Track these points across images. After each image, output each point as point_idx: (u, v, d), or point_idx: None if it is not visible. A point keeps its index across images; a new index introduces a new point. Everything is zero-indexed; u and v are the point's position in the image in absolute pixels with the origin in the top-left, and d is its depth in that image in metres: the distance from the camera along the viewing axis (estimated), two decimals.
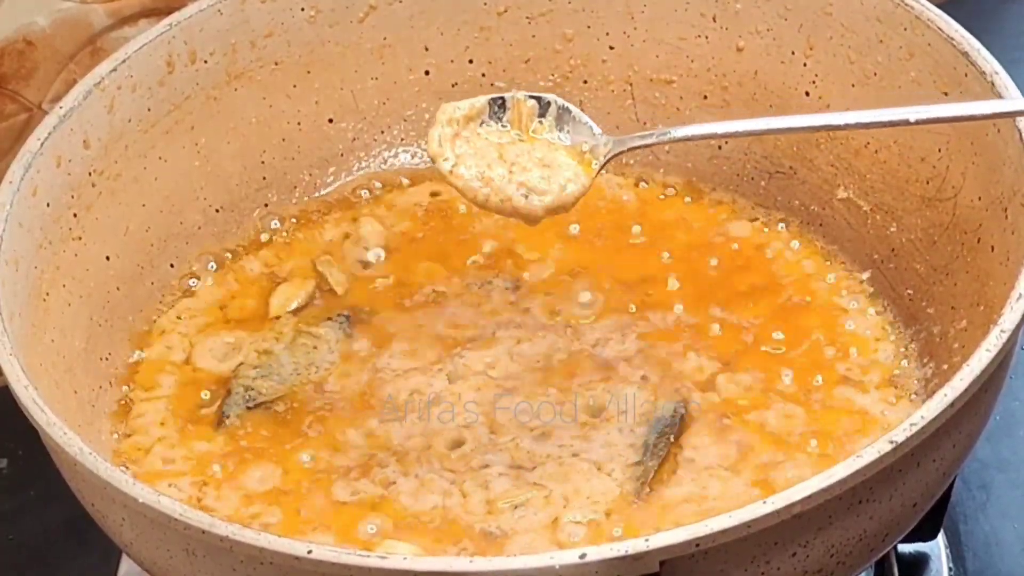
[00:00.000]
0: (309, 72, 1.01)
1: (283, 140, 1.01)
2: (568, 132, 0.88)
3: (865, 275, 0.95)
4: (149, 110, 0.95)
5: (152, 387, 0.92)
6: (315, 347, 0.93)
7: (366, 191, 1.03)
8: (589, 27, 1.01)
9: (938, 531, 0.92)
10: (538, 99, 0.88)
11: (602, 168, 0.87)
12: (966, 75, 0.88)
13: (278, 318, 0.95)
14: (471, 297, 0.95)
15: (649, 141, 0.88)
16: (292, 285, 0.97)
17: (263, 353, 0.93)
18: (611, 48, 1.02)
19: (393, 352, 0.93)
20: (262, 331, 0.94)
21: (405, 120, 1.04)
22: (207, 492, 0.87)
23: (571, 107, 0.88)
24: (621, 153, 0.88)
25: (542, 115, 0.88)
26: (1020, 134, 0.84)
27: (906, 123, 0.83)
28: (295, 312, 0.95)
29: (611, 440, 0.87)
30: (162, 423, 0.90)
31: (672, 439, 0.86)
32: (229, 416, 0.90)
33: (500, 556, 0.81)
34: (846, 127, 0.84)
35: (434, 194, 1.02)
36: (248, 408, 0.90)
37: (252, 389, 0.91)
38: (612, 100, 1.03)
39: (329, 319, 0.95)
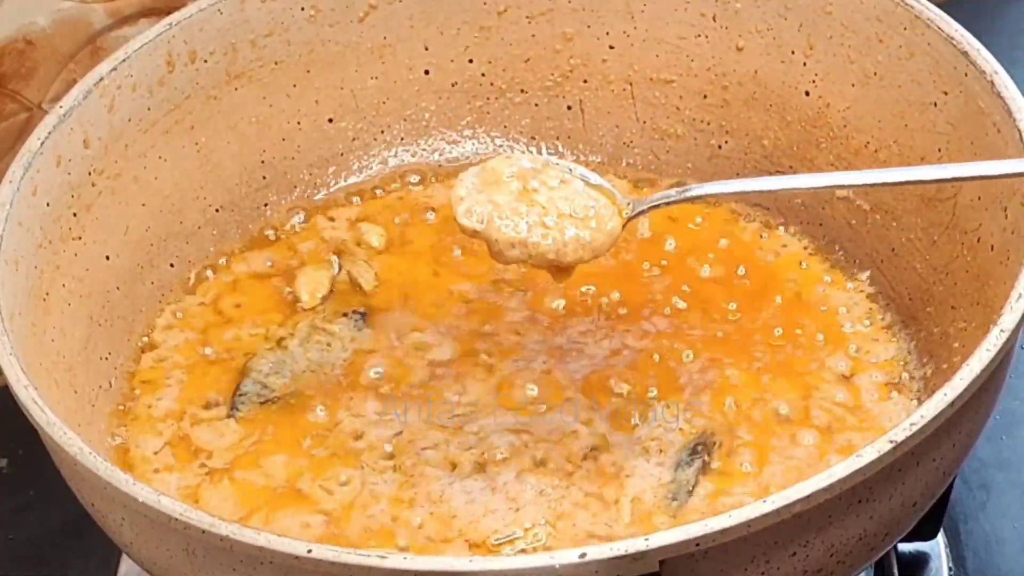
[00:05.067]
0: (309, 72, 1.01)
1: (283, 140, 1.01)
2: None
3: (865, 275, 0.95)
4: (149, 110, 0.95)
5: (154, 385, 0.92)
6: (328, 344, 0.93)
7: (366, 191, 1.03)
8: (589, 27, 1.01)
9: (938, 531, 0.92)
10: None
11: (624, 227, 0.86)
12: (966, 75, 0.88)
13: (311, 308, 0.95)
14: (478, 299, 0.95)
15: (670, 199, 0.87)
16: (314, 275, 0.97)
17: (277, 345, 0.93)
18: (611, 48, 1.02)
19: (402, 352, 0.92)
20: (279, 324, 0.95)
21: (405, 120, 1.04)
22: (210, 489, 0.87)
23: (589, 173, 0.87)
24: (642, 213, 0.87)
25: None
26: (1020, 134, 0.84)
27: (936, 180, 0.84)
28: (322, 301, 0.96)
29: (638, 455, 0.86)
30: (165, 419, 0.90)
31: (708, 457, 0.86)
32: (240, 410, 0.90)
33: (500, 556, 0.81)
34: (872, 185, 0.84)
35: (435, 195, 1.02)
36: (260, 403, 0.90)
37: (266, 387, 0.91)
38: (612, 100, 1.03)
39: (344, 315, 0.95)
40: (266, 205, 1.01)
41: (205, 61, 0.97)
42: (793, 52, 0.97)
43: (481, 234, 0.85)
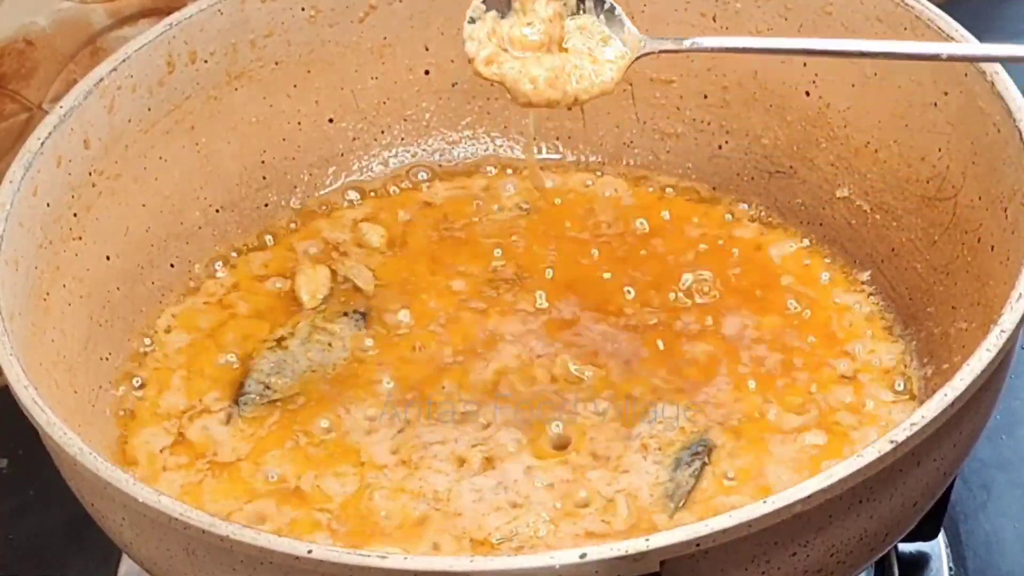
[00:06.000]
0: (309, 72, 1.01)
1: (283, 140, 1.01)
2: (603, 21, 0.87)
3: (865, 275, 0.95)
4: (149, 110, 0.95)
5: (155, 386, 0.92)
6: (329, 344, 0.93)
7: (367, 191, 1.03)
8: None
9: (938, 531, 0.92)
10: None
11: (633, 62, 0.86)
12: (966, 75, 0.88)
13: (312, 308, 0.95)
14: (479, 298, 0.95)
15: (681, 48, 0.86)
16: (314, 275, 0.97)
17: (278, 345, 0.93)
18: None
19: (403, 351, 0.93)
20: (280, 323, 0.95)
21: (405, 120, 1.04)
22: (212, 488, 0.87)
23: None
24: (651, 54, 0.86)
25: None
26: (1020, 134, 0.84)
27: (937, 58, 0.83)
28: (323, 301, 0.96)
29: (636, 456, 0.86)
30: (168, 419, 0.90)
31: (707, 460, 0.86)
32: (244, 410, 0.90)
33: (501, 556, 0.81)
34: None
35: (435, 194, 1.02)
36: (263, 404, 0.90)
37: (268, 387, 0.91)
38: (612, 100, 1.02)
39: (345, 315, 0.95)
40: (266, 205, 1.01)
41: (205, 61, 0.97)
42: None
43: (501, 83, 0.85)
